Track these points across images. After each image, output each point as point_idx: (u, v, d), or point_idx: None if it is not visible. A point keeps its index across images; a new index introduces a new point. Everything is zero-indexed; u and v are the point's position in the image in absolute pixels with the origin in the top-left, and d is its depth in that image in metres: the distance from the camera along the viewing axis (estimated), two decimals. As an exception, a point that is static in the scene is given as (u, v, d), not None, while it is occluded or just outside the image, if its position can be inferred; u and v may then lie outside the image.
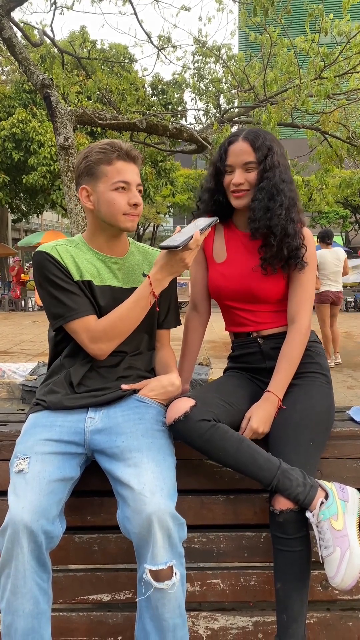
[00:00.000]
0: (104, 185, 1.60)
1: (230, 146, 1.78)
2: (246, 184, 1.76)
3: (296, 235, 1.75)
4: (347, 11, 5.05)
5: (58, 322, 1.62)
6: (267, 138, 1.76)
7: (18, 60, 4.94)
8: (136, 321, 1.63)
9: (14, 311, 17.95)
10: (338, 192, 16.62)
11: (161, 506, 1.37)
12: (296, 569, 1.54)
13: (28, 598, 1.34)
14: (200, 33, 7.30)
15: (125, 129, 5.91)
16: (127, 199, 1.61)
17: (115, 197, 1.60)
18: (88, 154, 1.62)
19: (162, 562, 1.36)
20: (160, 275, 1.57)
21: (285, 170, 1.77)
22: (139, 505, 1.37)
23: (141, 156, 1.66)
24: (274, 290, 1.81)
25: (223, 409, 1.62)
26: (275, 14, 4.90)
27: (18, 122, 15.11)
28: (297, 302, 1.79)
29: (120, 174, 1.60)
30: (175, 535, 1.38)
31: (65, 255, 1.64)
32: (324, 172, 7.26)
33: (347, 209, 24.82)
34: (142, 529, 1.37)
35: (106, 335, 1.60)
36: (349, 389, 6.31)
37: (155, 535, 1.35)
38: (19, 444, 1.54)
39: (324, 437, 1.67)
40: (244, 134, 1.77)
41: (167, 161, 17.11)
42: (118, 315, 1.60)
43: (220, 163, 1.81)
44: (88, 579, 1.67)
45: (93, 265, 1.67)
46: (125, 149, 1.61)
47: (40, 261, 1.62)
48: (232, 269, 1.85)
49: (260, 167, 1.74)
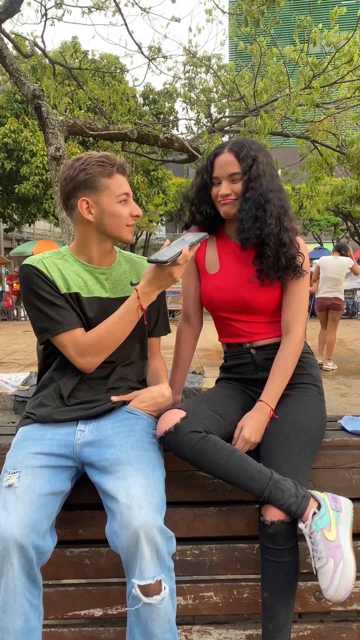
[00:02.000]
0: (108, 198, 1.62)
1: (216, 158, 1.78)
2: (233, 194, 1.76)
3: (292, 244, 1.76)
4: (335, 22, 5.11)
5: (44, 336, 1.61)
6: (252, 148, 1.76)
7: (9, 71, 4.95)
8: (124, 334, 1.63)
9: (6, 321, 17.87)
10: (329, 199, 16.73)
11: (148, 520, 1.35)
12: (284, 579, 1.53)
13: (18, 615, 1.33)
14: (190, 43, 7.36)
15: (116, 139, 5.93)
16: (130, 211, 1.65)
17: (120, 209, 1.63)
18: (85, 167, 1.60)
19: (150, 577, 1.35)
20: (148, 289, 1.57)
21: (272, 179, 1.77)
22: (127, 520, 1.36)
23: (129, 167, 1.70)
24: (268, 301, 1.80)
25: (214, 421, 1.62)
26: (264, 25, 4.94)
27: (10, 132, 15.12)
28: (291, 313, 1.79)
29: (121, 187, 1.63)
30: (163, 549, 1.37)
31: (52, 267, 1.64)
32: (315, 180, 7.31)
33: (339, 217, 24.94)
34: (129, 543, 1.35)
35: (94, 349, 1.60)
36: (341, 397, 6.32)
37: (142, 549, 1.34)
38: (8, 458, 1.53)
39: (315, 448, 1.67)
40: (229, 146, 1.78)
41: (159, 170, 17.15)
42: (106, 329, 1.60)
43: (207, 175, 1.81)
44: (80, 594, 1.65)
45: (80, 277, 1.67)
46: (120, 163, 1.65)
47: (26, 274, 1.61)
48: (226, 280, 1.85)
49: (245, 178, 1.74)
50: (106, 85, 8.34)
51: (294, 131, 6.20)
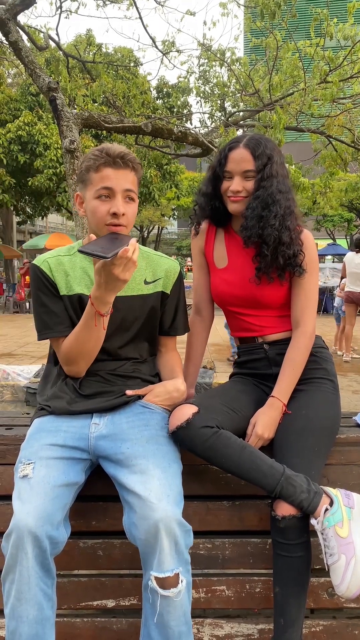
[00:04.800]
0: (90, 193, 1.57)
1: (231, 152, 1.76)
2: (244, 191, 1.74)
3: (292, 243, 1.74)
4: (351, 15, 5.04)
5: (38, 335, 1.67)
6: (267, 146, 1.74)
7: (24, 64, 4.94)
8: (95, 341, 1.57)
9: (19, 313, 17.96)
10: (343, 195, 16.59)
11: (168, 513, 1.36)
12: (295, 574, 1.54)
13: (32, 604, 1.34)
14: (204, 37, 7.31)
15: (130, 132, 5.91)
16: (108, 208, 1.53)
17: (97, 205, 1.55)
18: (84, 160, 1.60)
19: (168, 570, 1.36)
20: (98, 292, 1.46)
21: (284, 180, 1.76)
22: (146, 512, 1.36)
23: (137, 161, 1.59)
24: (276, 296, 1.80)
25: (227, 416, 1.62)
26: (280, 17, 4.89)
27: (24, 124, 15.14)
28: (300, 307, 1.78)
29: (102, 181, 1.53)
30: (181, 542, 1.38)
31: (57, 268, 1.64)
32: (329, 176, 7.25)
33: (352, 212, 24.77)
34: (148, 535, 1.36)
35: (69, 358, 1.61)
36: (354, 394, 6.29)
37: (161, 542, 1.35)
38: (23, 449, 1.54)
39: (328, 444, 1.66)
40: (245, 141, 1.75)
41: (172, 164, 17.10)
42: (73, 339, 1.58)
43: (219, 168, 1.79)
44: (92, 585, 1.66)
45: (87, 274, 1.66)
46: (113, 154, 1.54)
47: (31, 274, 1.67)
48: (234, 275, 1.84)
49: (258, 176, 1.73)
50: (120, 78, 8.31)
51: (309, 126, 6.14)
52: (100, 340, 1.57)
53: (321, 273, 15.77)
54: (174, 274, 1.76)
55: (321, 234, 26.10)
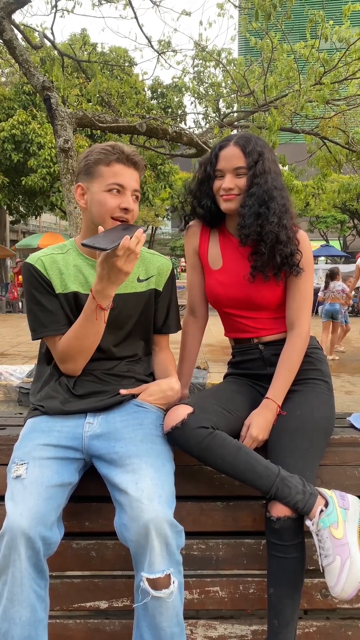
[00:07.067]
0: (98, 185, 1.58)
1: (221, 151, 1.76)
2: (236, 189, 1.73)
3: (289, 242, 1.73)
4: (347, 17, 5.06)
5: (32, 335, 1.65)
6: (258, 144, 1.74)
7: (19, 62, 4.92)
8: (94, 336, 1.58)
9: (11, 313, 17.90)
10: (336, 197, 16.65)
11: (159, 513, 1.35)
12: (290, 575, 1.53)
13: (25, 605, 1.32)
14: (200, 37, 7.31)
15: (125, 132, 5.90)
16: (119, 202, 1.57)
17: (107, 198, 1.57)
18: (89, 154, 1.61)
19: (159, 570, 1.35)
20: (100, 286, 1.48)
21: (277, 177, 1.75)
22: (137, 512, 1.36)
23: (143, 163, 1.63)
24: (272, 297, 1.79)
25: (222, 416, 1.61)
26: (275, 19, 4.89)
27: (18, 123, 15.10)
28: (295, 308, 1.77)
29: (116, 177, 1.57)
30: (173, 543, 1.37)
31: (51, 266, 1.63)
32: (322, 177, 7.27)
33: (345, 214, 24.86)
34: (139, 536, 1.35)
35: (67, 356, 1.60)
36: (347, 394, 6.31)
37: (152, 542, 1.34)
38: (17, 449, 1.53)
39: (323, 444, 1.66)
40: (235, 139, 1.75)
41: (166, 164, 17.11)
42: (73, 335, 1.58)
43: (211, 167, 1.78)
44: (85, 586, 1.65)
45: (81, 272, 1.65)
46: (126, 152, 1.59)
47: (25, 272, 1.65)
48: (229, 276, 1.83)
49: (250, 173, 1.72)
50: (115, 78, 8.31)
51: (304, 127, 6.16)
52: (99, 335, 1.58)
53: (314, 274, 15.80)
54: (167, 272, 1.76)
55: (314, 235, 26.19)
